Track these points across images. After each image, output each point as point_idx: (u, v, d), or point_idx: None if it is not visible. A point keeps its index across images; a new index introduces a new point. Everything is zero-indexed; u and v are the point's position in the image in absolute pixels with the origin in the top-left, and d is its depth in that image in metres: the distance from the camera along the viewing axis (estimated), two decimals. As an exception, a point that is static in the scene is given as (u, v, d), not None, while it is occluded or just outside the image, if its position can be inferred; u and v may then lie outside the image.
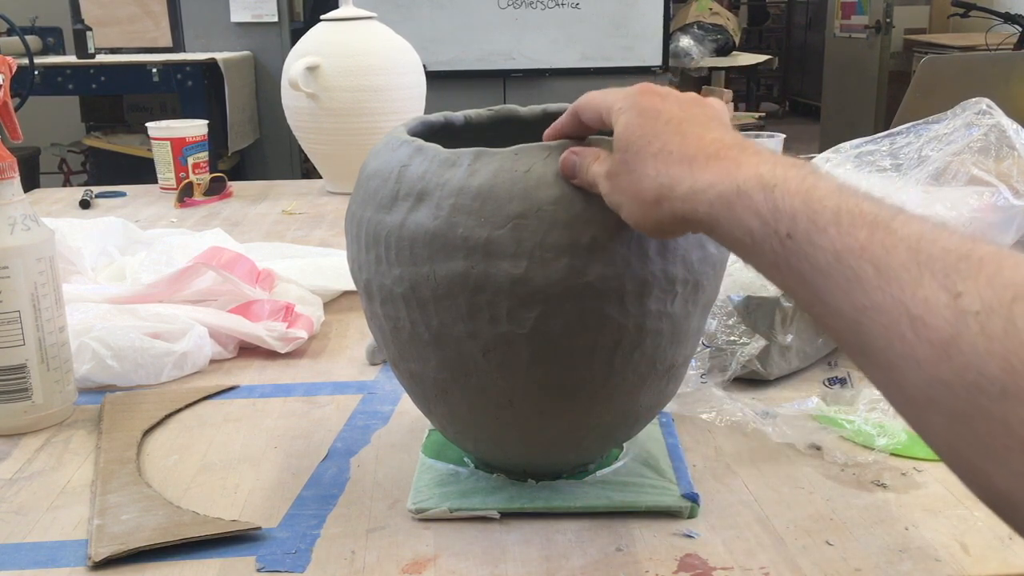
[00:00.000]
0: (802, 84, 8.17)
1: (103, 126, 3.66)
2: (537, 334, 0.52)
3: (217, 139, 3.11)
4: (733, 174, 0.43)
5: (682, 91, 0.52)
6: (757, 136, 1.38)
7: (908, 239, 0.35)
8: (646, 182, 0.46)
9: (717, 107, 0.51)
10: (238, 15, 3.63)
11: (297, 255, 1.13)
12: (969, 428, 0.32)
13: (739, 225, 0.42)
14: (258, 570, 0.54)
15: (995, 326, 0.31)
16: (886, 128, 0.97)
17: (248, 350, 0.89)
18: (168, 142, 1.66)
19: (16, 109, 0.82)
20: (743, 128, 4.15)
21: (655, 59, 3.87)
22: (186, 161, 1.66)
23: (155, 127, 1.68)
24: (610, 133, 0.50)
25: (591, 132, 0.54)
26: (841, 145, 0.96)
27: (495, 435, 0.59)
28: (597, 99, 0.51)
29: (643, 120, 0.48)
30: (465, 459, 0.65)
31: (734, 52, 5.19)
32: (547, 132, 0.55)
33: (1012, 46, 4.01)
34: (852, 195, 0.38)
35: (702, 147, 0.45)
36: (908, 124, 0.93)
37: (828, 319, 0.38)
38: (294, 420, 0.75)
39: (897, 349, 0.34)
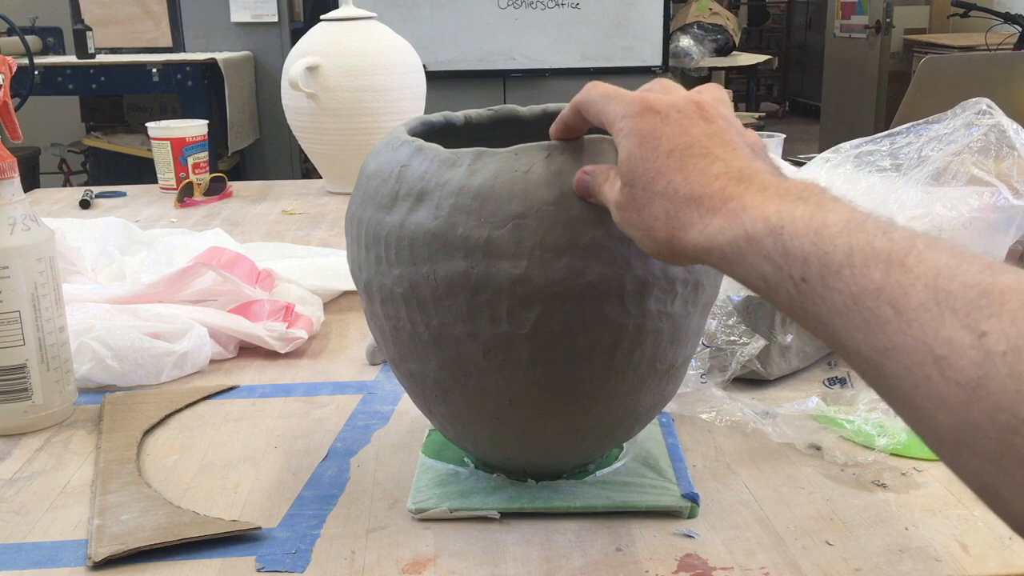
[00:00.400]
0: (802, 84, 8.17)
1: (103, 126, 3.67)
2: (537, 334, 0.52)
3: (217, 139, 3.12)
4: (740, 218, 0.42)
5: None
6: (757, 136, 1.37)
7: (925, 276, 0.34)
8: (656, 223, 0.46)
9: (716, 96, 0.49)
10: (238, 15, 3.63)
11: (297, 255, 1.13)
12: (1004, 470, 0.31)
13: (752, 270, 0.41)
14: (258, 570, 0.54)
15: (1023, 366, 0.30)
16: (886, 128, 0.97)
17: (248, 350, 0.89)
18: (168, 142, 1.66)
19: (16, 109, 0.82)
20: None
21: (655, 59, 3.87)
22: (186, 161, 1.66)
23: (155, 127, 1.68)
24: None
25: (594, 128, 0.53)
26: (841, 145, 0.96)
27: (495, 435, 0.59)
28: (598, 105, 0.50)
29: (644, 151, 0.46)
30: (465, 459, 0.65)
31: (734, 52, 5.18)
32: (552, 128, 0.55)
33: (1012, 46, 4.01)
34: (862, 230, 0.37)
35: (707, 184, 0.44)
36: (908, 124, 0.93)
37: (850, 359, 0.37)
38: (294, 420, 0.75)
39: (923, 391, 0.33)
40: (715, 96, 0.50)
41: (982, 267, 0.33)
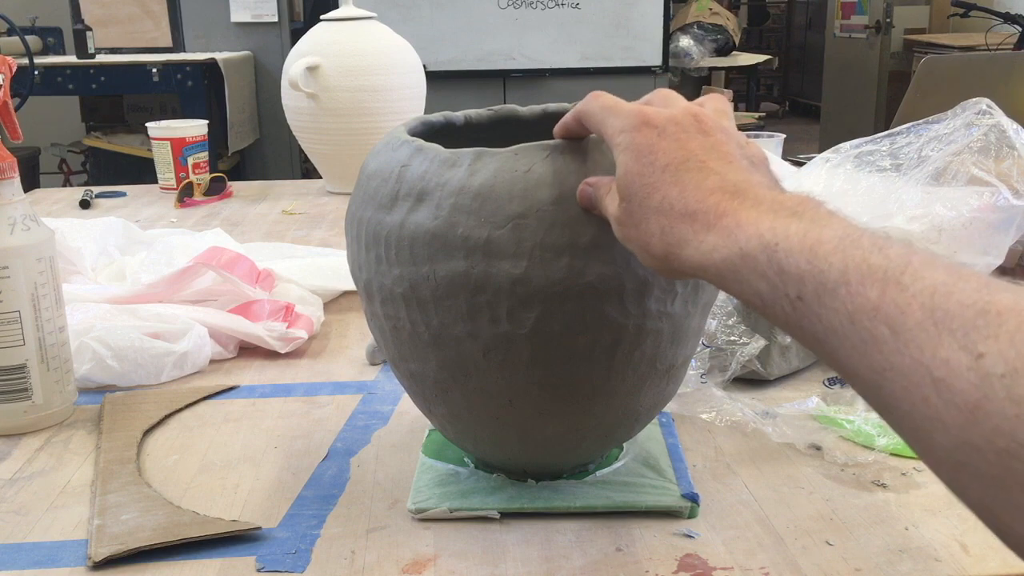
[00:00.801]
0: (802, 84, 8.17)
1: (103, 126, 3.67)
2: (537, 334, 0.52)
3: (217, 139, 3.12)
4: (735, 235, 0.42)
5: (682, 92, 0.51)
6: (757, 136, 1.38)
7: (921, 295, 0.34)
8: (653, 239, 0.46)
9: (717, 108, 0.49)
10: (238, 15, 3.63)
11: (297, 255, 1.13)
12: (1004, 493, 0.31)
13: (748, 287, 0.41)
14: (258, 570, 0.54)
15: (1021, 389, 0.30)
16: (886, 128, 0.97)
17: (248, 350, 0.89)
18: (168, 142, 1.66)
19: (16, 109, 0.82)
20: (743, 129, 4.14)
21: (655, 59, 3.87)
22: (186, 161, 1.66)
23: (155, 127, 1.68)
24: None
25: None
26: (841, 145, 0.96)
27: (495, 435, 0.59)
28: (597, 118, 0.50)
29: (640, 166, 0.46)
30: (465, 459, 0.65)
31: (734, 52, 5.19)
32: (555, 130, 0.54)
33: (1012, 46, 4.01)
34: (857, 246, 0.37)
35: (701, 200, 0.44)
36: (908, 124, 0.93)
37: (848, 378, 0.37)
38: (294, 420, 0.75)
39: (922, 412, 0.33)
40: (716, 107, 0.50)
41: (979, 285, 0.33)
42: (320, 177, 1.73)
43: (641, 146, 0.46)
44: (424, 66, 1.68)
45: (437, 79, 2.74)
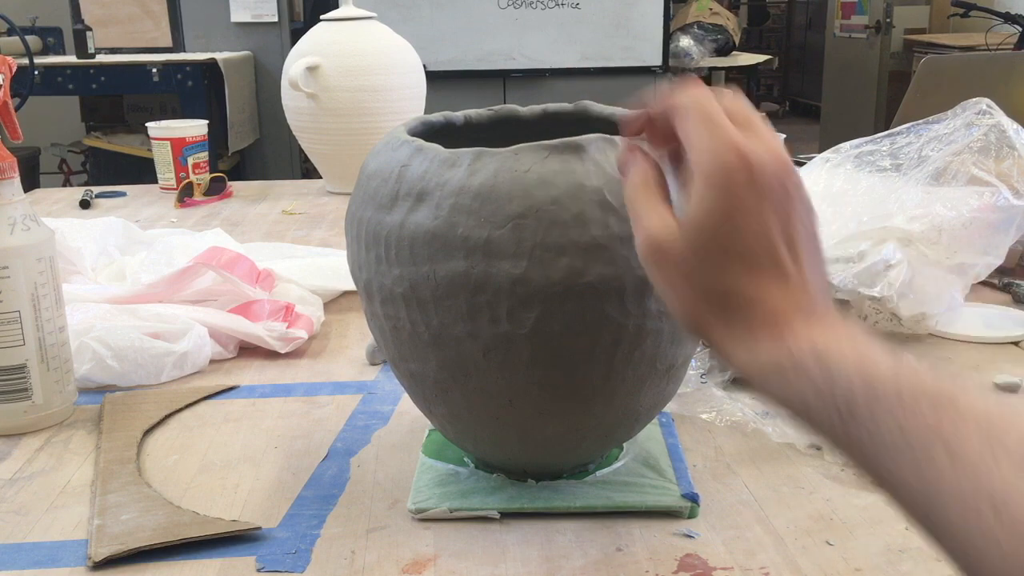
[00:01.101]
0: (802, 84, 8.17)
1: (103, 126, 3.66)
2: (537, 334, 0.52)
3: (217, 139, 3.12)
4: (787, 341, 0.41)
5: None
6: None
7: (977, 419, 0.34)
8: (702, 309, 0.43)
9: (785, 161, 0.45)
10: (238, 15, 3.63)
11: (297, 255, 1.13)
12: None
13: (794, 395, 0.40)
14: (258, 570, 0.54)
15: None
16: (886, 128, 0.97)
17: (248, 350, 0.89)
18: (168, 142, 1.66)
19: (16, 109, 0.82)
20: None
21: (655, 59, 3.87)
22: (186, 161, 1.66)
23: (155, 127, 1.68)
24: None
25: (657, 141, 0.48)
26: (841, 145, 0.96)
27: (495, 435, 0.59)
28: (688, 122, 0.44)
29: (728, 223, 0.42)
30: (465, 459, 0.65)
31: (734, 52, 5.18)
32: (628, 117, 0.49)
33: (1012, 46, 4.01)
34: (909, 365, 0.37)
35: (764, 300, 0.42)
36: (908, 124, 0.93)
37: (893, 491, 0.37)
38: (294, 420, 0.75)
39: (976, 531, 0.32)
40: (785, 160, 0.44)
41: None
42: (320, 177, 1.72)
43: (734, 197, 0.42)
44: (424, 66, 1.68)
45: (437, 79, 2.74)
